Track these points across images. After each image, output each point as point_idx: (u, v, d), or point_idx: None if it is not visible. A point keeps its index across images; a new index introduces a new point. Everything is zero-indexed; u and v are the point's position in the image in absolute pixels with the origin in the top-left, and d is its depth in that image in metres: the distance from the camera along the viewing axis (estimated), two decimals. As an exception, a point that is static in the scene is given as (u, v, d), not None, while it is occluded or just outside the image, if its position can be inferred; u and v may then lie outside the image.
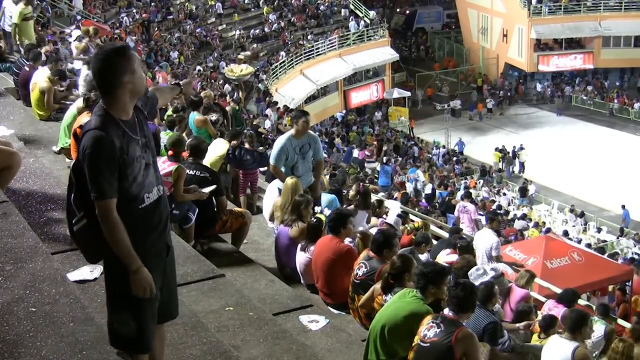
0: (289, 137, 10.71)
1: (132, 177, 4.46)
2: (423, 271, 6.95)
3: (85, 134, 4.39)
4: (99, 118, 4.43)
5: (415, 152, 42.88)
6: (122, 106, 4.49)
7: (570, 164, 43.40)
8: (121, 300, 4.65)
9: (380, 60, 52.36)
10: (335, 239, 8.85)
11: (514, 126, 53.55)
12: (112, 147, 4.34)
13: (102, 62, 4.43)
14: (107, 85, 4.46)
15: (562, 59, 58.48)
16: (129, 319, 4.63)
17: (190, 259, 7.87)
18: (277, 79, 42.60)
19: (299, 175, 10.61)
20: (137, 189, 4.54)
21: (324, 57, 47.95)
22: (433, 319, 6.52)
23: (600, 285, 17.66)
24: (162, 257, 4.81)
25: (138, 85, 4.53)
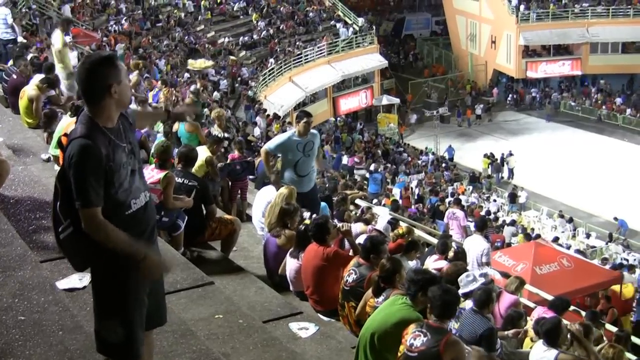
0: (293, 134, 10.88)
1: (119, 183, 4.46)
2: (414, 278, 6.95)
3: (71, 142, 4.39)
4: (84, 126, 4.42)
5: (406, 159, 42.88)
6: (108, 115, 4.50)
7: (559, 170, 43.51)
8: (109, 307, 4.64)
9: (369, 67, 52.45)
10: (321, 246, 8.88)
11: (503, 132, 53.67)
12: (99, 155, 4.33)
13: (89, 72, 4.44)
14: (93, 95, 4.46)
15: (551, 65, 58.67)
16: (117, 326, 4.61)
17: (179, 267, 7.86)
18: (266, 86, 42.60)
19: (304, 174, 10.83)
20: (123, 195, 4.53)
21: (312, 64, 47.99)
22: (417, 327, 6.50)
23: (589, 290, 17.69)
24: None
25: (124, 94, 4.53)
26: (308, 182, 11.00)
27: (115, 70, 4.47)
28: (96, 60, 4.47)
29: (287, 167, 10.84)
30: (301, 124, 10.74)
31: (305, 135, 10.78)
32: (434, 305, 6.55)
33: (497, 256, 17.34)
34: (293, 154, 10.73)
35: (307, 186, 10.97)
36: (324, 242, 8.93)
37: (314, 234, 8.97)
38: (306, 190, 10.89)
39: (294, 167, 10.78)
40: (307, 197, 10.82)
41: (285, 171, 10.89)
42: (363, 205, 15.90)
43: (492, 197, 39.79)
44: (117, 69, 4.49)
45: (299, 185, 10.68)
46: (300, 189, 10.59)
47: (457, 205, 22.68)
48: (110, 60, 4.49)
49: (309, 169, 10.95)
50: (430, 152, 46.86)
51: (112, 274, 4.54)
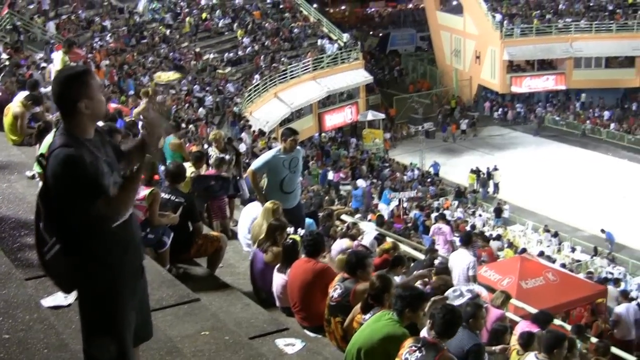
0: (278, 151, 11.01)
1: (105, 192, 4.43)
2: (402, 294, 6.97)
3: (52, 154, 4.39)
4: (63, 137, 4.45)
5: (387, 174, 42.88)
6: (83, 128, 4.53)
7: (544, 184, 43.69)
8: (99, 325, 4.61)
9: (354, 82, 52.53)
10: (311, 261, 8.86)
11: (488, 147, 53.89)
12: (83, 161, 4.32)
13: (61, 86, 4.49)
14: (66, 108, 4.51)
15: (535, 80, 58.97)
16: (109, 343, 4.59)
17: (165, 283, 7.85)
18: (252, 102, 42.57)
19: (289, 190, 10.92)
20: (108, 206, 4.52)
21: (298, 80, 48.04)
22: (414, 343, 6.51)
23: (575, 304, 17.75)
24: (137, 278, 4.81)
25: (96, 109, 4.56)
26: (293, 199, 11.06)
27: (86, 86, 4.51)
28: (68, 76, 4.52)
29: (273, 185, 10.89)
30: (288, 142, 10.83)
31: (291, 152, 10.85)
32: (436, 323, 6.58)
33: (483, 270, 17.38)
34: (279, 172, 10.79)
35: (293, 202, 11.03)
36: (316, 257, 8.92)
37: (308, 247, 8.95)
38: (291, 207, 10.93)
39: (280, 185, 10.83)
40: (292, 213, 10.83)
41: (271, 189, 10.92)
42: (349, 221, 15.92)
43: (477, 212, 39.87)
44: (88, 85, 4.52)
45: (285, 201, 10.70)
46: (286, 205, 10.62)
47: (442, 220, 22.73)
48: (82, 76, 4.53)
49: (295, 186, 11.02)
50: (415, 168, 46.94)
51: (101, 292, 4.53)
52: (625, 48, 56.18)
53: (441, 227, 20.98)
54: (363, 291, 8.00)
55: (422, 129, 52.79)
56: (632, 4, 58.23)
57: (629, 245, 35.91)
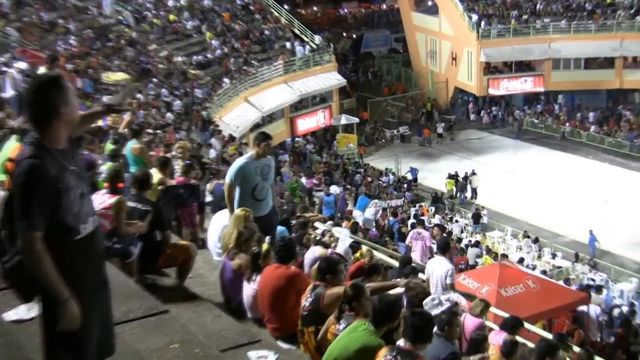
0: (249, 157, 10.94)
1: (68, 207, 4.43)
2: (378, 307, 7.00)
3: (19, 164, 4.37)
4: (32, 147, 4.42)
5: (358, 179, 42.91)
6: (57, 136, 4.49)
7: (524, 189, 44.01)
8: (60, 339, 4.57)
9: (327, 85, 52.63)
10: (281, 266, 8.84)
11: (465, 151, 54.16)
12: (48, 176, 4.31)
13: (36, 94, 4.44)
14: (42, 117, 4.46)
15: (513, 82, 59.33)
16: (70, 358, 4.57)
17: (132, 295, 7.81)
18: (221, 107, 42.48)
19: (261, 198, 10.87)
20: (72, 220, 4.51)
21: (269, 83, 48.05)
22: (389, 352, 6.52)
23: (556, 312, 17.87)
24: (100, 291, 4.79)
25: (73, 115, 4.53)
26: (265, 206, 11.01)
27: (62, 91, 4.47)
28: (43, 82, 4.47)
29: (245, 192, 10.81)
30: (262, 146, 10.79)
31: (264, 157, 10.83)
32: (405, 330, 6.59)
33: (462, 278, 17.45)
34: (251, 178, 10.75)
35: (265, 209, 10.99)
36: (287, 263, 8.92)
37: (280, 253, 8.94)
38: (263, 214, 10.90)
39: (251, 192, 10.78)
40: (264, 221, 10.77)
41: (242, 196, 10.86)
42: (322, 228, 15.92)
43: (455, 218, 39.96)
44: (65, 90, 4.49)
45: (257, 209, 10.65)
46: (258, 213, 10.57)
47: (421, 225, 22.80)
48: (57, 82, 4.49)
49: (267, 193, 10.97)
50: (391, 173, 47.03)
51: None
52: (605, 49, 56.61)
53: (421, 232, 21.02)
54: (333, 296, 8.01)
55: (398, 133, 52.93)
56: (610, 4, 58.77)
57: (611, 251, 36.17)
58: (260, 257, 9.17)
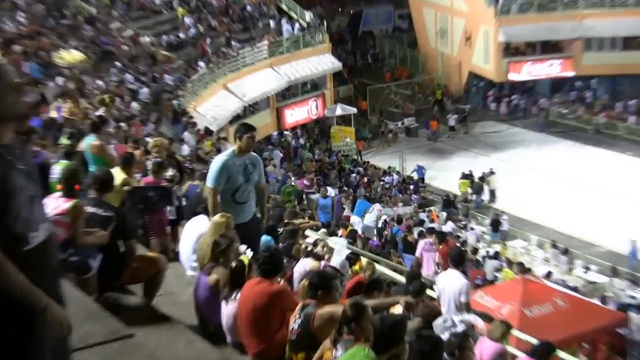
0: (230, 154, 10.97)
1: (16, 212, 4.38)
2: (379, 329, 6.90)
3: None
4: None
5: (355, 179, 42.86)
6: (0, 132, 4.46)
7: (550, 190, 44.01)
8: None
9: (319, 70, 52.61)
10: (264, 281, 8.75)
11: (481, 147, 54.32)
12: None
13: None
14: None
15: (537, 65, 59.16)
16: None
17: (91, 316, 7.77)
18: (196, 95, 42.41)
19: (243, 201, 10.95)
20: (21, 227, 4.46)
21: (251, 67, 47.99)
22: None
23: (590, 335, 17.82)
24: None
25: (8, 108, 4.48)
26: (247, 210, 10.98)
27: (2, 80, 4.44)
28: None
29: (224, 194, 10.80)
30: (245, 140, 10.78)
31: (247, 153, 10.80)
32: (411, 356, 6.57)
33: (479, 296, 17.43)
34: (233, 178, 10.74)
35: (246, 215, 10.96)
36: (272, 277, 8.84)
37: (264, 265, 8.85)
38: (245, 220, 10.86)
39: (232, 194, 10.77)
40: (246, 229, 10.73)
41: (221, 198, 10.82)
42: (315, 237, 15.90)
43: (470, 225, 39.92)
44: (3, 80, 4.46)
45: (238, 214, 10.64)
46: (239, 219, 10.54)
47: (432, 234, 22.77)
48: None
49: (249, 196, 10.94)
50: (395, 172, 47.09)
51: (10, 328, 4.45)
52: (646, 26, 56.23)
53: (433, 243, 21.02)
54: (326, 317, 7.97)
55: (402, 126, 52.94)
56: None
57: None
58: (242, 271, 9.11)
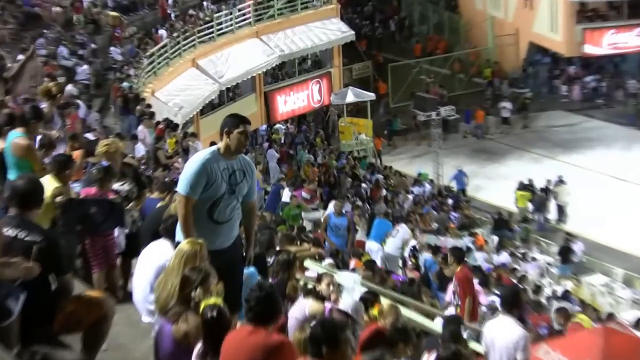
0: (214, 153, 10.50)
1: None
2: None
3: None
4: None
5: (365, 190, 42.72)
6: None
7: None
8: None
9: (323, 41, 52.81)
10: (260, 331, 8.70)
11: (546, 146, 54.38)
12: None
13: None
14: None
15: (623, 34, 59.23)
16: None
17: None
18: (155, 76, 42.46)
19: (223, 220, 10.54)
20: None
21: (231, 37, 48.09)
22: None
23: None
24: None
25: None
26: (228, 233, 10.70)
27: None
28: None
29: (199, 208, 10.49)
30: (235, 136, 10.33)
31: (236, 155, 10.56)
32: None
33: (543, 352, 17.41)
34: (215, 187, 10.39)
35: (225, 239, 10.72)
36: (268, 324, 8.81)
37: (257, 309, 8.80)
38: (223, 246, 10.69)
39: (209, 208, 10.54)
40: (224, 258, 10.59)
41: (194, 214, 10.57)
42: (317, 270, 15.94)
43: (530, 254, 39.86)
44: None
45: (214, 236, 10.44)
46: (215, 244, 10.38)
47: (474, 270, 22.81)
48: None
49: (232, 213, 10.68)
50: (426, 180, 47.09)
51: None
52: None
53: (473, 279, 21.07)
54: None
55: (437, 118, 52.89)
56: None
57: None
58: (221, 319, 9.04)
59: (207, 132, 41.13)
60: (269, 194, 37.07)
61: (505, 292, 14.46)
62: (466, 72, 63.41)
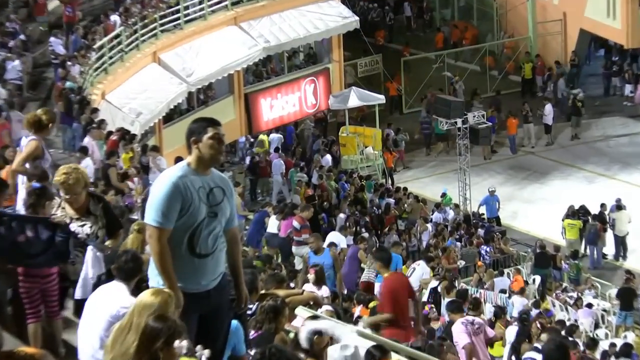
0: (185, 169, 10.33)
1: None
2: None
3: None
4: None
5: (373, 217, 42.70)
6: None
7: None
8: None
9: (320, 29, 52.89)
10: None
11: (602, 161, 54.41)
12: None
13: None
14: None
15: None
16: None
17: None
18: (106, 74, 42.51)
19: (207, 252, 10.36)
20: None
21: (202, 25, 48.18)
22: None
23: None
24: None
25: None
26: (214, 269, 10.48)
27: None
28: None
29: (176, 240, 10.30)
30: (205, 144, 10.14)
31: (209, 169, 10.41)
32: None
33: None
34: (193, 211, 10.22)
35: (213, 277, 10.56)
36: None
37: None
38: (210, 287, 10.49)
39: (189, 239, 10.48)
40: (211, 302, 10.47)
41: (169, 247, 10.37)
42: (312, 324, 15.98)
43: (584, 298, 39.78)
44: None
45: (199, 275, 10.28)
46: (201, 284, 10.35)
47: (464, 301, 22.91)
48: None
49: (216, 242, 10.54)
50: (449, 204, 47.22)
51: None
52: None
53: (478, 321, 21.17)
54: None
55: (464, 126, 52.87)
56: None
57: None
58: None
59: (172, 144, 41.14)
60: (252, 223, 37.10)
61: (550, 348, 14.52)
62: (500, 69, 63.44)
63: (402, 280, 19.64)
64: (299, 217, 36.23)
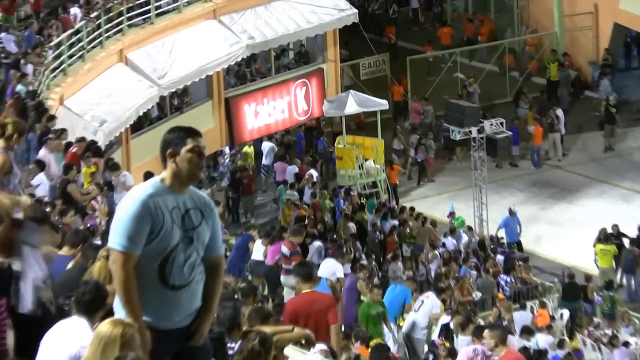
0: (157, 186, 10.06)
1: None
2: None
3: None
4: None
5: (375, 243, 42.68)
6: None
7: None
8: None
9: (312, 23, 53.03)
10: None
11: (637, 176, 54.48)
12: None
13: None
14: None
15: None
16: None
17: None
18: (64, 75, 42.51)
19: (181, 283, 10.09)
20: None
21: (176, 19, 48.21)
22: None
23: None
24: None
25: None
26: (190, 303, 10.42)
27: None
28: None
29: (145, 268, 10.19)
30: (183, 157, 9.94)
31: (187, 187, 10.29)
32: None
33: None
34: (165, 234, 10.10)
35: (188, 312, 10.50)
36: None
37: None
38: (184, 324, 10.45)
39: (160, 267, 10.26)
40: (180, 345, 10.50)
41: (137, 278, 10.26)
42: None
43: (620, 336, 39.73)
44: None
45: (172, 309, 10.18)
46: (174, 320, 10.22)
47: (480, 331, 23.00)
48: None
49: (193, 272, 10.42)
50: (462, 226, 47.23)
51: None
52: None
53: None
54: None
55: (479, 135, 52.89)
56: None
57: None
58: None
59: (140, 157, 41.19)
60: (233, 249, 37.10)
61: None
62: (522, 69, 63.50)
63: (319, 301, 19.46)
64: (289, 241, 36.07)
